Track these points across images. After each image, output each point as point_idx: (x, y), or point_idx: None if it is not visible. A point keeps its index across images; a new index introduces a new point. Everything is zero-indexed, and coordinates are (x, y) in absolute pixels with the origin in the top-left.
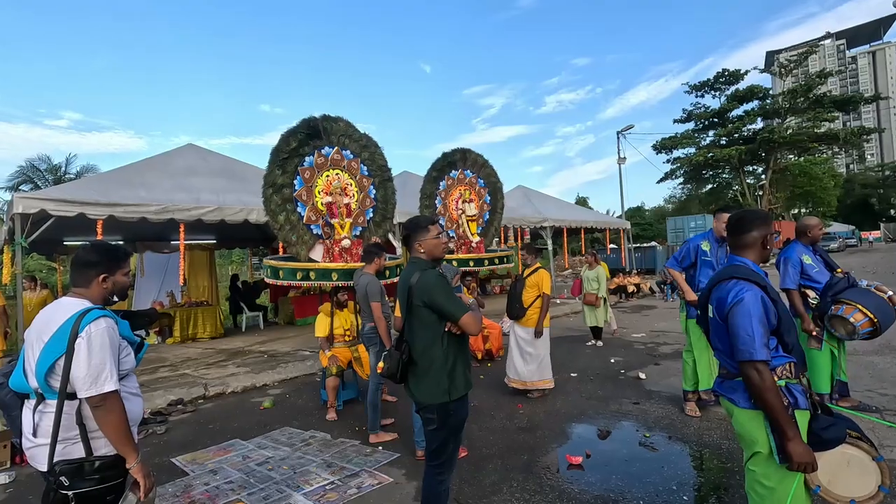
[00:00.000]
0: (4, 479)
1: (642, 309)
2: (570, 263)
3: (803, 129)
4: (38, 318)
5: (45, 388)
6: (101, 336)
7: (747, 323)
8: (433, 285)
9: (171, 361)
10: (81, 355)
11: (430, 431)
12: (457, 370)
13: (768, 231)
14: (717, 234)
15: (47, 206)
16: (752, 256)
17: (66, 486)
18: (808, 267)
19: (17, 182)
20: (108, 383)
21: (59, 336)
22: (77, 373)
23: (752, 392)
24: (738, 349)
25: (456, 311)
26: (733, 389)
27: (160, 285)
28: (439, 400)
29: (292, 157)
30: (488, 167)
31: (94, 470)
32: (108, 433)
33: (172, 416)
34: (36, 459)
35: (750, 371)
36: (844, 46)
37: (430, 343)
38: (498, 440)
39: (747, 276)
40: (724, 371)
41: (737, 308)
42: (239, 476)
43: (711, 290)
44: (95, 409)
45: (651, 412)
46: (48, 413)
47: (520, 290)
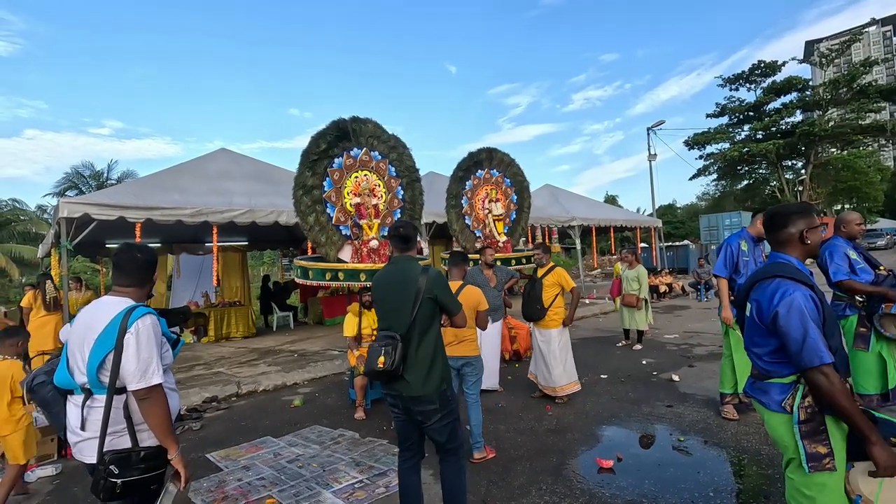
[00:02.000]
0: (51, 471)
1: (675, 309)
2: (598, 263)
3: (846, 121)
4: (82, 317)
5: (96, 383)
6: (147, 331)
7: (805, 326)
8: (443, 281)
9: (205, 360)
10: (131, 350)
11: (437, 423)
12: (445, 361)
13: (808, 225)
14: (754, 233)
15: (90, 210)
16: (794, 253)
17: (115, 474)
18: (854, 262)
19: (63, 188)
20: (154, 376)
21: (109, 332)
22: (127, 367)
23: (823, 399)
24: (801, 355)
25: (456, 306)
26: (764, 391)
27: (195, 286)
28: (441, 388)
29: (322, 159)
30: (515, 166)
31: (140, 459)
32: (152, 424)
33: (207, 412)
34: (83, 452)
35: (817, 377)
36: (891, 33)
37: (433, 335)
38: (526, 442)
39: (792, 276)
40: (756, 372)
41: (789, 310)
42: (270, 473)
43: (751, 288)
44: (142, 401)
45: (685, 415)
46: (96, 408)
47: (539, 291)
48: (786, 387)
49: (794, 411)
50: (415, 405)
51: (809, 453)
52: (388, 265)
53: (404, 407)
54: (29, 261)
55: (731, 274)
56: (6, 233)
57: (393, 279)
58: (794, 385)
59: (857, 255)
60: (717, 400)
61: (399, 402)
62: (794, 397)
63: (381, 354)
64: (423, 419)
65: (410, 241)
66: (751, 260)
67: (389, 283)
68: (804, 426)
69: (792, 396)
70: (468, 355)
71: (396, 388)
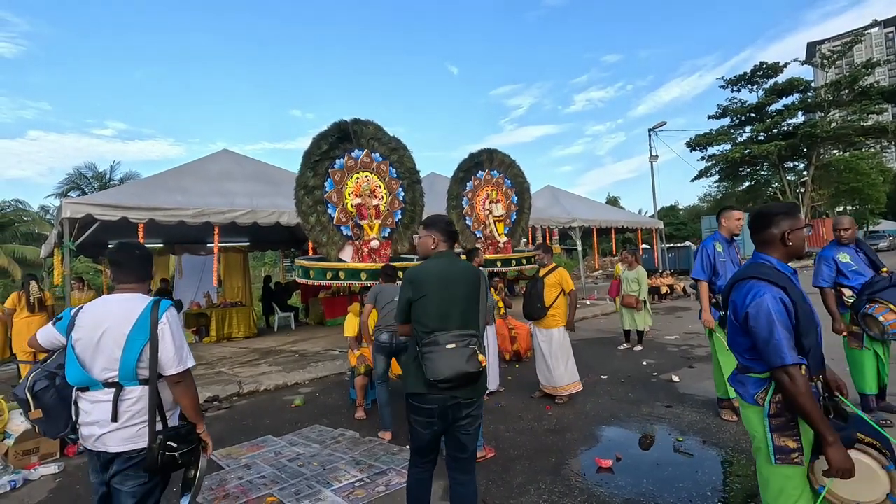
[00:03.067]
0: (54, 469)
1: (676, 310)
2: (600, 264)
3: (848, 123)
4: (88, 315)
5: (131, 376)
6: (176, 320)
7: (771, 328)
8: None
9: (207, 360)
10: (167, 338)
11: (476, 428)
12: None
13: (791, 226)
14: (726, 234)
15: (93, 211)
16: (776, 254)
17: (174, 448)
18: (844, 265)
19: (66, 189)
20: (189, 360)
21: (141, 326)
22: (166, 354)
23: (786, 397)
24: (767, 354)
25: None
26: (742, 384)
27: (197, 286)
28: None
29: (323, 160)
30: (515, 167)
31: (188, 433)
32: (185, 404)
33: (209, 412)
34: (108, 443)
35: (781, 376)
36: (894, 34)
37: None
38: (526, 441)
39: (766, 277)
40: (739, 366)
41: (758, 312)
42: (271, 471)
43: (731, 289)
44: (177, 385)
45: (684, 416)
46: (129, 399)
47: (540, 290)
48: (761, 381)
49: (765, 405)
50: (471, 409)
51: (777, 446)
52: (436, 259)
53: (454, 416)
54: (31, 261)
55: (711, 276)
56: (9, 233)
57: (451, 274)
58: (769, 381)
59: (855, 257)
60: (715, 400)
61: (449, 412)
62: (767, 392)
63: (473, 353)
64: (468, 423)
65: (456, 237)
66: (727, 260)
67: (449, 277)
68: (774, 420)
69: (765, 391)
70: None
71: (459, 393)
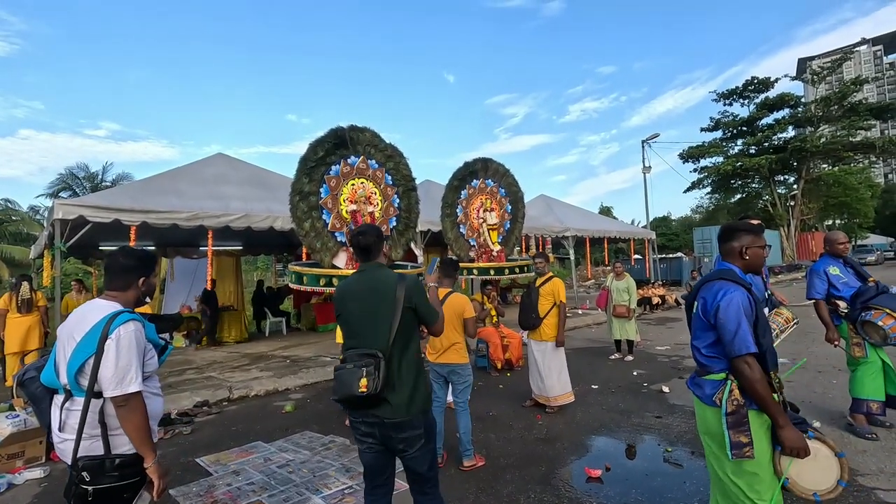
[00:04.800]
0: (39, 473)
1: (667, 321)
2: (592, 273)
3: (837, 138)
4: (71, 317)
5: (74, 385)
6: (129, 338)
7: (739, 319)
8: (422, 288)
9: (197, 364)
10: (110, 356)
11: (419, 450)
12: (428, 379)
13: (750, 243)
14: None
15: (85, 213)
16: (737, 264)
17: (87, 481)
18: (835, 278)
19: (57, 189)
20: (132, 384)
21: (91, 337)
22: (105, 373)
23: (744, 384)
24: (732, 344)
25: (434, 315)
26: (700, 386)
27: (189, 290)
28: (424, 409)
29: (319, 166)
30: (509, 176)
31: (115, 467)
32: (129, 432)
33: (198, 417)
34: (64, 454)
35: (742, 365)
36: (882, 52)
37: (414, 350)
38: (516, 450)
39: (733, 279)
40: (696, 367)
41: (727, 306)
42: (260, 478)
43: (699, 289)
44: (119, 408)
45: (674, 426)
46: (75, 411)
47: (535, 300)
48: (717, 383)
49: (722, 404)
50: (397, 432)
51: (733, 441)
52: (355, 273)
53: (382, 435)
54: (20, 262)
55: None
56: None
57: (364, 289)
58: (724, 381)
59: (844, 270)
60: None
61: (377, 431)
62: (724, 392)
63: (361, 376)
64: (404, 447)
65: (370, 250)
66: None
67: (360, 293)
68: (730, 418)
69: (721, 391)
70: (455, 362)
71: (376, 413)
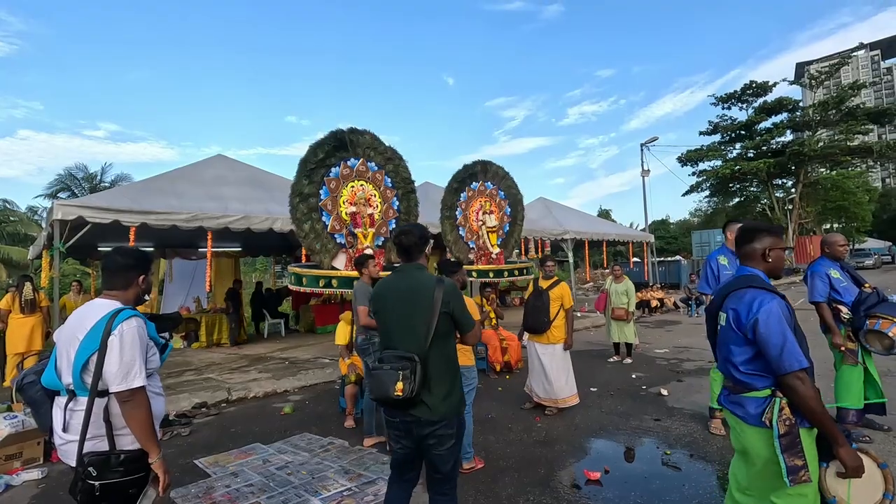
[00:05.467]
0: (37, 475)
1: (665, 324)
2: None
3: (835, 142)
4: (71, 318)
5: (79, 384)
6: (132, 334)
7: (784, 332)
8: (459, 293)
9: (196, 365)
10: (114, 352)
11: (448, 448)
12: (461, 381)
13: (772, 244)
14: (731, 246)
15: (84, 213)
16: (760, 268)
17: (93, 476)
18: (836, 281)
19: (55, 190)
20: (136, 379)
21: (94, 334)
22: (109, 368)
23: (798, 402)
24: (781, 360)
25: (470, 322)
26: (739, 404)
27: (187, 291)
28: (459, 413)
29: (319, 168)
30: (509, 179)
31: (120, 463)
32: (133, 428)
33: (197, 418)
34: (67, 455)
35: (794, 381)
36: (879, 57)
37: (452, 354)
38: (515, 453)
39: (765, 287)
40: (730, 384)
41: (767, 318)
42: (259, 479)
43: (725, 298)
44: (124, 403)
45: (673, 429)
46: (79, 411)
47: (546, 303)
48: (761, 401)
49: (773, 425)
50: (431, 429)
51: (789, 466)
52: (393, 274)
53: (417, 434)
54: (18, 262)
55: (713, 291)
56: None
57: (402, 290)
58: (770, 399)
59: (842, 274)
60: (704, 414)
61: (413, 429)
62: (773, 411)
63: (398, 380)
64: (435, 443)
65: (411, 251)
66: (733, 272)
67: (398, 294)
68: (783, 440)
69: (770, 410)
70: (461, 364)
71: (413, 413)
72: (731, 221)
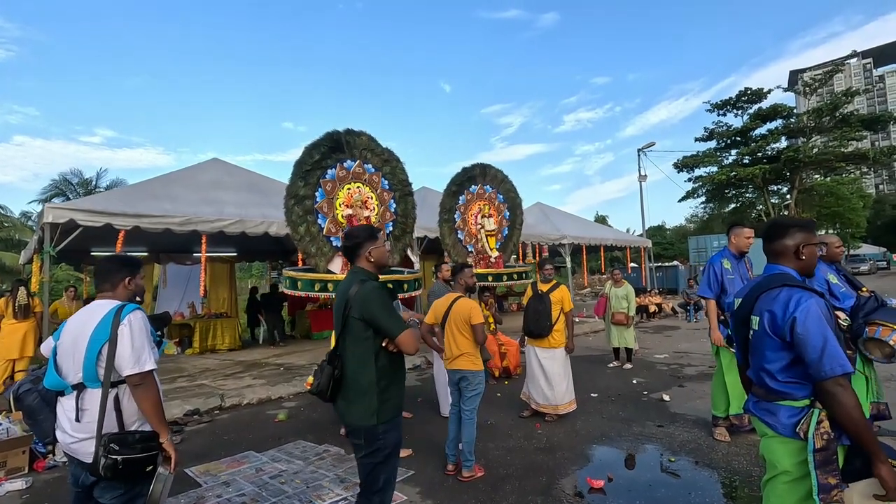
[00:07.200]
0: (21, 485)
1: (664, 329)
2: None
3: (830, 149)
4: (74, 321)
5: (91, 376)
6: (139, 323)
7: (825, 333)
8: (373, 298)
9: (189, 372)
10: (125, 339)
11: (359, 459)
12: (390, 391)
13: (805, 240)
14: (734, 250)
15: (76, 216)
16: (792, 266)
17: (116, 451)
18: (835, 286)
19: (50, 195)
20: (148, 363)
21: (103, 326)
22: (123, 353)
23: (838, 412)
24: (821, 364)
25: (394, 327)
26: (771, 413)
27: (182, 296)
28: (367, 423)
29: (315, 170)
30: (508, 183)
31: (137, 441)
32: (146, 409)
33: (189, 425)
34: (79, 452)
35: (835, 388)
36: (871, 65)
37: (363, 360)
38: (515, 460)
39: (800, 285)
40: (762, 391)
41: (805, 318)
42: (252, 489)
43: (756, 299)
44: (136, 387)
45: (676, 436)
46: (91, 401)
47: (548, 307)
48: (798, 410)
49: (808, 438)
50: (349, 434)
51: (821, 484)
52: None
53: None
54: (10, 268)
55: (719, 293)
56: None
57: (337, 294)
58: (808, 409)
59: (839, 278)
60: (707, 420)
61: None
62: (809, 422)
63: (312, 374)
64: (354, 449)
65: (351, 253)
66: (736, 277)
67: (336, 297)
68: (818, 455)
69: (806, 421)
70: (465, 369)
71: (337, 408)
72: (736, 225)
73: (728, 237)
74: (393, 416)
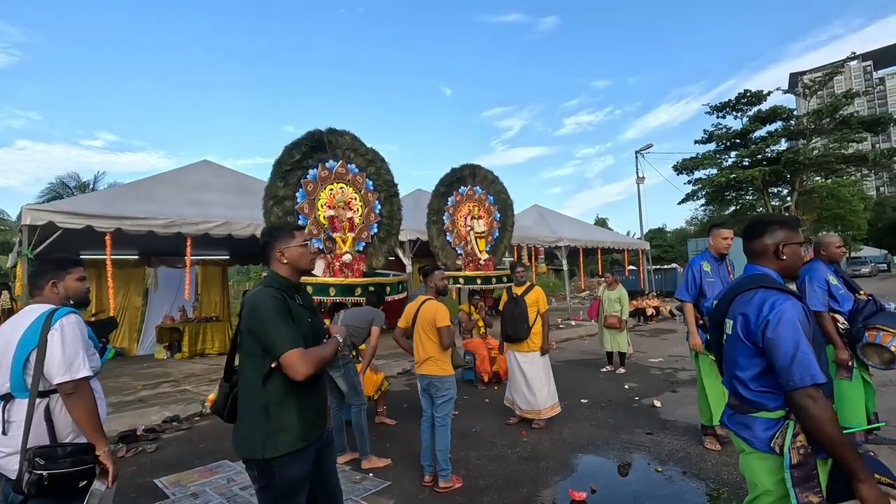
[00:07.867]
0: None
1: (661, 333)
2: (586, 285)
3: (830, 151)
4: (5, 326)
5: (19, 385)
6: (72, 328)
7: (797, 339)
8: (260, 308)
9: (174, 377)
10: (55, 345)
11: (257, 492)
12: (284, 420)
13: (786, 239)
14: (714, 252)
15: (55, 219)
16: (772, 267)
17: (41, 465)
18: (834, 288)
19: (47, 198)
20: (81, 370)
21: (31, 332)
22: (52, 360)
23: (810, 426)
24: (790, 372)
25: (279, 343)
26: (746, 426)
27: (173, 299)
28: (254, 455)
29: (295, 170)
30: (498, 184)
31: (66, 454)
32: (79, 420)
33: (166, 433)
34: (5, 468)
35: (805, 400)
36: (871, 68)
37: (253, 381)
38: (497, 470)
39: (778, 287)
40: (736, 402)
41: (778, 322)
42: (219, 501)
43: (731, 302)
44: (68, 396)
45: (665, 444)
46: (17, 412)
47: (524, 309)
48: (773, 423)
49: (784, 453)
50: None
51: (802, 502)
52: None
53: None
54: (6, 272)
55: (696, 297)
56: None
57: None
58: (783, 421)
59: (838, 279)
60: (698, 427)
61: None
62: (784, 436)
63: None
64: (251, 479)
65: (264, 255)
66: (716, 280)
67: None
68: (796, 471)
69: (781, 435)
70: (433, 374)
71: None
72: (715, 226)
73: (709, 239)
74: (292, 450)
